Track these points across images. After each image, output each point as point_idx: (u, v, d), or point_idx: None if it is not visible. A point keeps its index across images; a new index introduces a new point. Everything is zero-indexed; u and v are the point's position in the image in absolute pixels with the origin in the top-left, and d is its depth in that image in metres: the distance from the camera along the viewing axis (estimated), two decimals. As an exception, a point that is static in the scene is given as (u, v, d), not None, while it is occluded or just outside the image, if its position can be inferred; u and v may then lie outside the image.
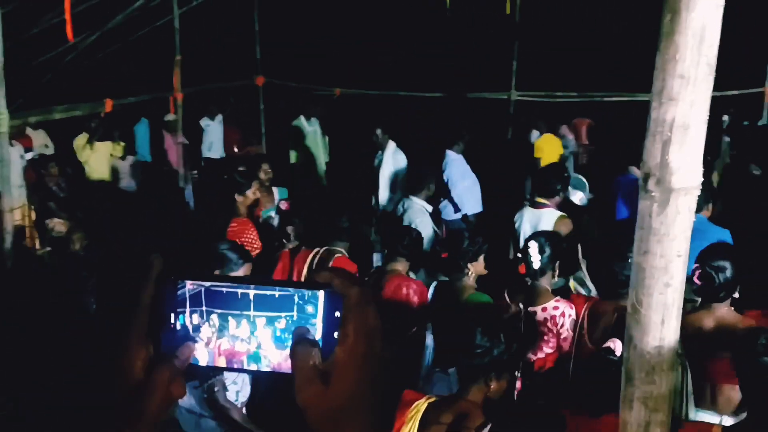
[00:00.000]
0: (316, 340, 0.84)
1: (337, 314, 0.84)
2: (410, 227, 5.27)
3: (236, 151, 10.35)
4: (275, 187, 6.62)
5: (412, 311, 4.26)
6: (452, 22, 11.37)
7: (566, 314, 3.88)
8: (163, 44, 7.94)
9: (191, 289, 0.86)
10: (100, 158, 8.67)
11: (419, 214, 6.27)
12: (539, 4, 10.28)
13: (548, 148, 8.92)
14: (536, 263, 4.02)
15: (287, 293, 0.86)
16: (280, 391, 3.66)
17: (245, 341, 0.86)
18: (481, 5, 10.72)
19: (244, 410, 3.74)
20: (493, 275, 4.51)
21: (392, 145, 7.56)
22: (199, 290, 0.86)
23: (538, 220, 5.49)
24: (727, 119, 9.36)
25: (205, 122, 10.54)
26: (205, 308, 0.86)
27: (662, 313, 1.56)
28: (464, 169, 7.32)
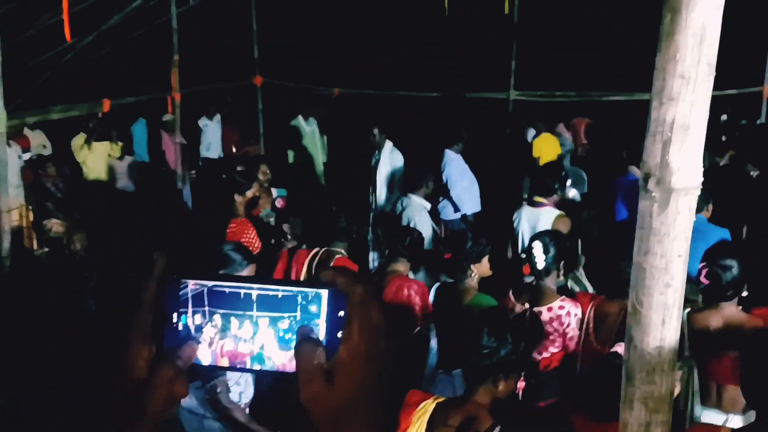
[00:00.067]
0: (320, 339, 0.83)
1: (340, 313, 0.83)
2: (411, 227, 5.26)
3: (234, 151, 10.34)
4: (274, 188, 6.62)
5: (413, 312, 4.24)
6: (451, 22, 11.37)
7: (572, 314, 3.88)
8: (160, 44, 7.93)
9: (194, 289, 0.86)
10: (97, 158, 8.65)
11: (418, 211, 6.27)
12: (538, 3, 10.28)
13: (546, 147, 8.92)
14: (540, 263, 4.00)
15: (290, 293, 0.85)
16: (282, 391, 3.65)
17: (248, 342, 0.86)
18: (479, 5, 10.72)
19: (247, 411, 3.73)
20: (492, 275, 4.50)
21: (389, 144, 7.55)
22: (201, 290, 0.86)
23: (536, 219, 5.49)
24: (725, 118, 9.37)
25: (203, 122, 10.52)
26: (207, 308, 0.86)
27: (663, 313, 1.55)
28: (463, 168, 7.31)
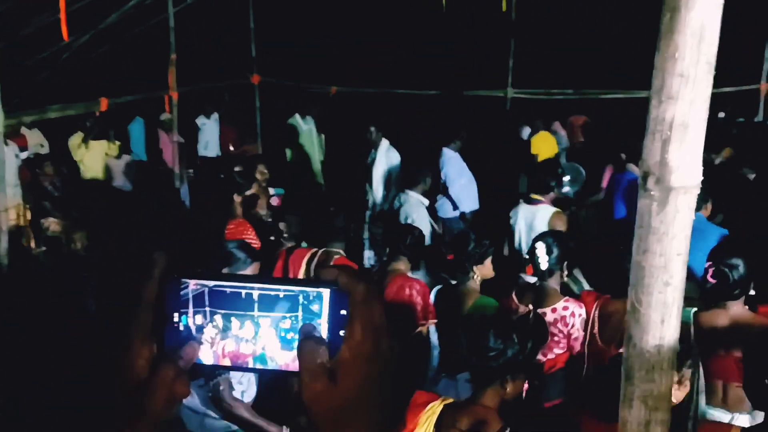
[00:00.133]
0: (322, 337, 0.83)
1: (342, 312, 0.83)
2: (411, 225, 5.22)
3: (232, 149, 10.32)
4: (272, 188, 6.60)
5: (415, 312, 4.20)
6: (449, 19, 11.35)
7: (576, 314, 3.84)
8: (158, 43, 7.91)
9: (194, 289, 0.86)
10: (95, 157, 8.64)
11: (416, 208, 6.28)
12: (535, 1, 10.27)
13: (544, 145, 8.92)
14: (544, 264, 3.97)
15: (292, 293, 0.85)
16: (284, 390, 3.65)
17: (250, 342, 0.86)
18: (477, 3, 10.71)
19: None
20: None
21: (385, 142, 7.55)
22: (202, 290, 0.86)
23: (533, 216, 5.50)
24: (723, 116, 9.36)
25: (200, 121, 10.50)
26: (208, 309, 0.86)
27: (662, 311, 1.55)
28: (461, 166, 7.31)
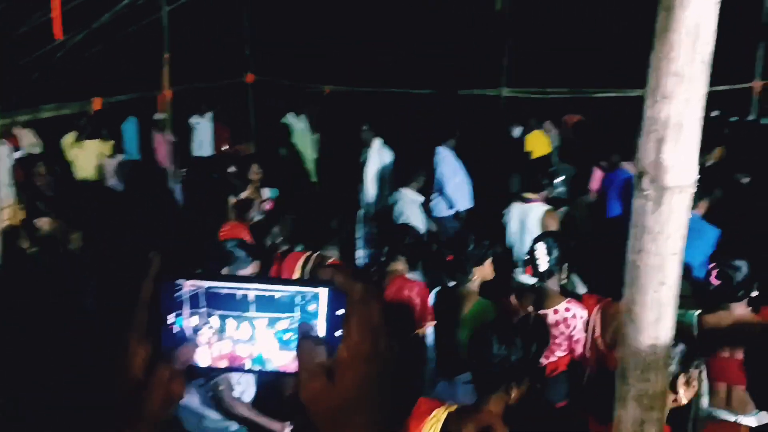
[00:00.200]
0: (321, 337, 0.83)
1: (339, 312, 0.83)
2: (409, 225, 5.19)
3: (226, 149, 10.29)
4: (266, 188, 6.57)
5: (414, 313, 4.14)
6: (443, 18, 11.35)
7: (578, 316, 3.80)
8: (151, 42, 7.89)
9: (190, 290, 0.85)
10: (88, 156, 8.60)
11: (410, 205, 6.29)
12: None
13: (537, 144, 8.93)
14: (543, 265, 3.93)
15: (288, 293, 0.85)
16: (281, 391, 3.63)
17: (246, 343, 0.85)
18: (471, 2, 10.71)
19: None
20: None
21: (378, 141, 7.54)
22: (197, 291, 0.85)
23: (525, 215, 5.51)
24: (716, 114, 9.36)
25: (194, 120, 10.46)
26: (204, 310, 0.85)
27: (657, 311, 1.56)
28: (455, 165, 7.32)
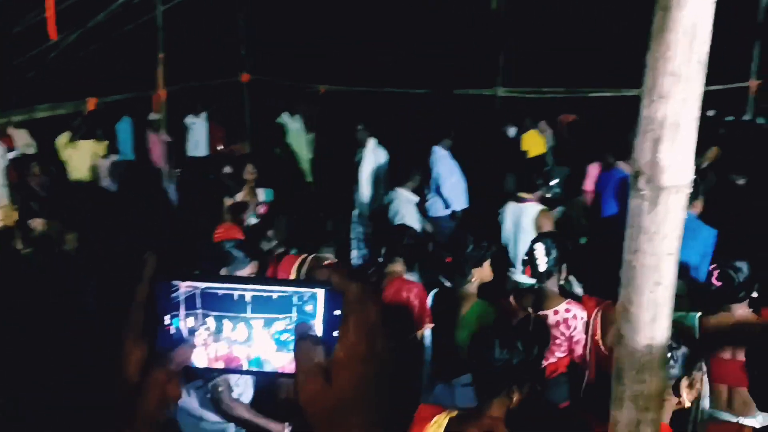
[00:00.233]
0: (319, 337, 0.82)
1: (336, 312, 0.82)
2: (407, 226, 5.17)
3: (221, 148, 10.28)
4: (261, 188, 6.55)
5: (412, 315, 4.11)
6: (439, 18, 11.35)
7: (578, 317, 3.78)
8: (146, 42, 7.88)
9: (186, 291, 0.85)
10: (82, 157, 8.58)
11: (405, 205, 6.30)
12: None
13: (532, 144, 8.94)
14: (542, 265, 3.91)
15: (285, 294, 0.84)
16: (280, 392, 3.62)
17: (243, 344, 0.85)
18: (467, 1, 10.72)
19: None
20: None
21: (372, 141, 7.54)
22: (194, 292, 0.85)
23: (519, 214, 5.52)
24: (712, 114, 9.38)
25: (189, 120, 10.45)
26: (200, 311, 0.85)
27: (653, 311, 1.55)
28: (451, 165, 7.32)
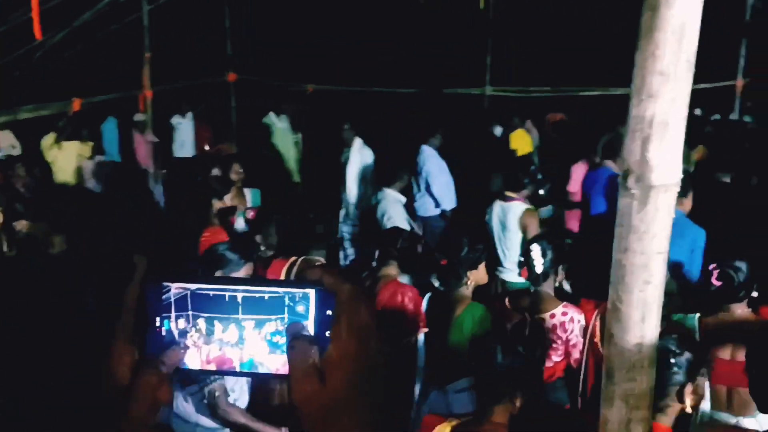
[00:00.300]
0: (313, 337, 0.82)
1: (328, 313, 0.82)
2: (401, 229, 5.16)
3: (207, 149, 10.23)
4: (248, 188, 6.52)
5: (407, 319, 4.09)
6: (427, 18, 11.35)
7: (575, 320, 3.75)
8: (132, 42, 7.83)
9: (177, 292, 0.84)
10: (67, 158, 8.52)
11: (393, 205, 6.29)
12: (513, -1, 10.32)
13: (520, 143, 8.98)
14: (539, 267, 3.90)
15: (277, 295, 0.84)
16: (276, 396, 3.60)
17: (235, 346, 0.84)
18: (455, 1, 10.73)
19: None
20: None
21: (358, 141, 7.52)
22: (184, 294, 0.84)
23: (505, 213, 5.54)
24: (699, 113, 9.43)
25: (176, 120, 10.40)
26: (191, 312, 0.84)
27: (642, 310, 1.55)
28: (441, 164, 7.32)
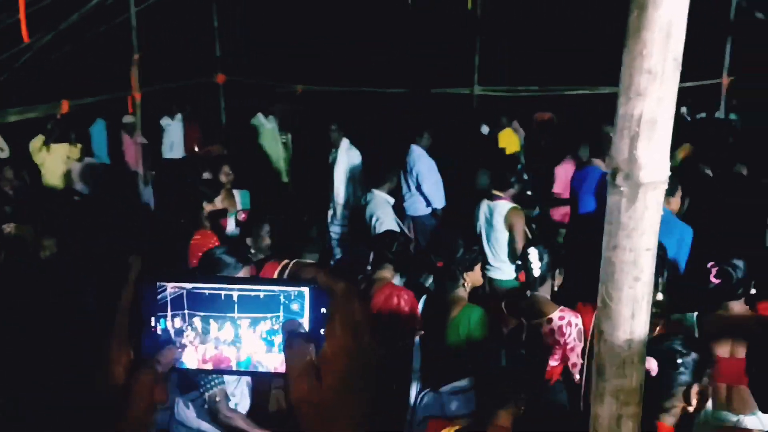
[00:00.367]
0: (310, 334, 0.83)
1: (323, 310, 0.83)
2: (396, 232, 5.13)
3: (197, 150, 10.20)
4: (237, 189, 6.50)
5: (403, 321, 4.08)
6: (415, 17, 11.35)
7: (572, 324, 3.75)
8: (120, 43, 7.80)
9: (172, 291, 0.84)
10: (56, 160, 8.49)
11: (382, 206, 6.29)
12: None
13: (508, 142, 9.00)
14: (536, 270, 3.91)
15: (272, 293, 0.84)
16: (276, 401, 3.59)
17: (231, 344, 0.85)
18: (443, 1, 10.73)
19: None
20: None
21: (345, 142, 7.51)
22: (180, 293, 0.84)
23: (491, 211, 5.57)
24: (685, 111, 9.49)
25: (165, 121, 10.37)
26: (187, 311, 0.85)
27: (632, 307, 1.56)
28: (431, 163, 7.33)
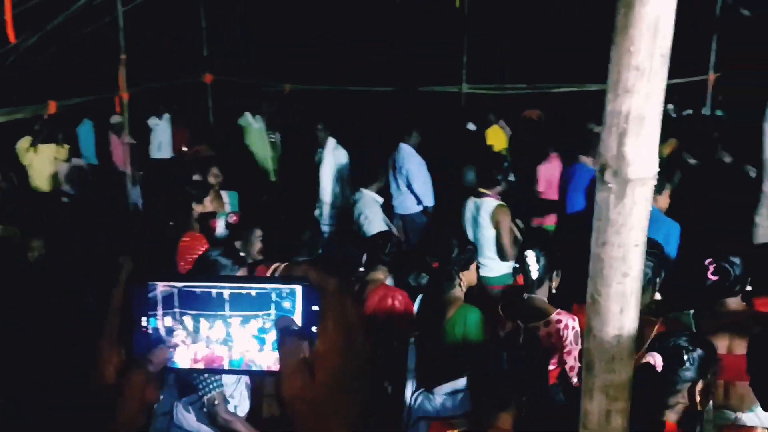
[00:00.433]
0: (302, 332, 0.82)
1: (314, 308, 0.82)
2: (389, 233, 5.13)
3: (185, 150, 10.16)
4: (225, 191, 6.49)
5: (397, 322, 4.08)
6: (403, 16, 11.35)
7: (569, 326, 3.73)
8: (107, 43, 7.76)
9: (163, 291, 0.84)
10: (43, 161, 8.46)
11: (370, 205, 6.30)
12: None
13: (495, 139, 9.03)
14: (534, 273, 3.89)
15: (264, 291, 0.84)
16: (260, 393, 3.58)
17: (222, 343, 0.85)
18: (431, -1, 10.75)
19: None
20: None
21: (332, 141, 7.50)
22: (171, 292, 0.84)
23: (477, 209, 5.59)
24: (672, 108, 9.52)
25: (153, 122, 10.34)
26: (178, 310, 0.84)
27: (621, 302, 1.57)
28: (420, 161, 7.34)
